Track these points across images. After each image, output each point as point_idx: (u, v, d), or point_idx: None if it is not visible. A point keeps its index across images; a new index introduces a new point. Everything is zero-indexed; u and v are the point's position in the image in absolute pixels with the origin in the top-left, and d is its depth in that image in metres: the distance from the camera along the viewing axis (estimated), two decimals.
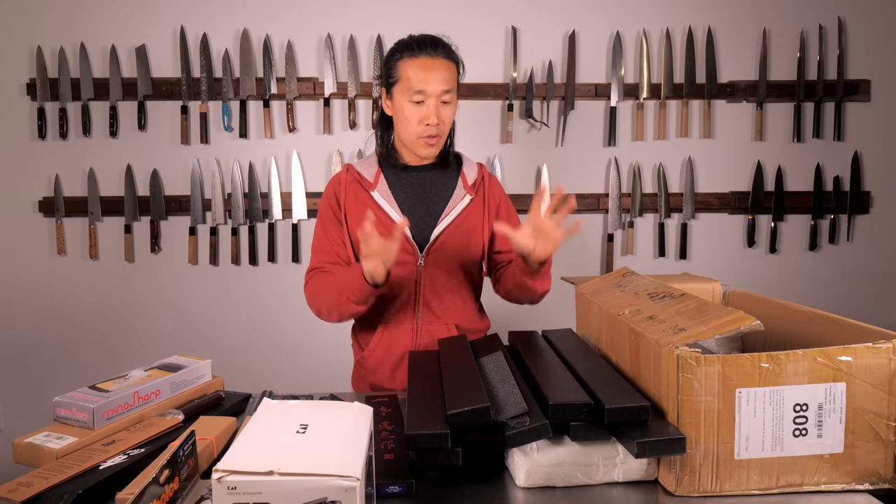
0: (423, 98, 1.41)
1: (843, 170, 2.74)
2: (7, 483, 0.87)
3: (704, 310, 1.00)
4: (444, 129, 1.46)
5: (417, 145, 1.46)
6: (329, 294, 1.42)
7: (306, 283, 1.51)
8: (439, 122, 1.43)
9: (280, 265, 2.68)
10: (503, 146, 2.69)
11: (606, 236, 2.73)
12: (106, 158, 2.63)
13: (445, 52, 1.45)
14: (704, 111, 2.70)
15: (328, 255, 1.51)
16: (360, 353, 1.57)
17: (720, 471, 0.90)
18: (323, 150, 2.67)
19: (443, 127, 1.45)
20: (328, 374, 2.62)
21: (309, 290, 1.49)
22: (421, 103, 1.42)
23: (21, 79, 2.60)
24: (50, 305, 2.66)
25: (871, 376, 0.89)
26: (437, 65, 1.42)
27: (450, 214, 1.49)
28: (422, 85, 1.40)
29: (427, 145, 1.45)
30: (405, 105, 1.43)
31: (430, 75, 1.41)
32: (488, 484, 0.95)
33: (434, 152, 1.49)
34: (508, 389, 1.00)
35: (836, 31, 2.69)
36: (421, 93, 1.41)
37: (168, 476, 0.79)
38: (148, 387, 1.14)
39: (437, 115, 1.42)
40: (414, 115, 1.43)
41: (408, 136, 1.46)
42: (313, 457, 0.69)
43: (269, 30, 2.62)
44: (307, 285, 1.50)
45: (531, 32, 2.67)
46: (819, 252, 2.77)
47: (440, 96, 1.42)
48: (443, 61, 1.43)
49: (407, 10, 2.62)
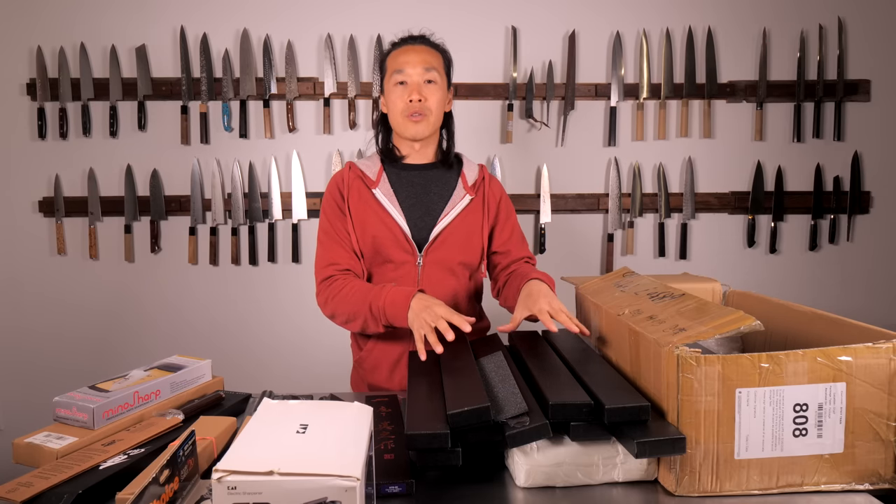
0: (404, 78, 1.47)
1: (843, 170, 2.74)
2: (7, 483, 0.87)
3: (704, 310, 1.00)
4: (430, 107, 1.48)
5: (404, 126, 1.49)
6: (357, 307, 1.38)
7: (323, 279, 1.46)
8: (422, 99, 1.46)
9: (280, 265, 2.68)
10: (503, 146, 2.69)
11: (606, 236, 2.73)
12: (106, 158, 2.63)
13: (428, 42, 1.53)
14: (704, 111, 2.70)
15: (341, 248, 1.47)
16: (358, 353, 1.57)
17: (720, 471, 0.90)
18: (323, 150, 2.67)
19: (427, 104, 1.47)
20: (328, 374, 2.62)
21: (328, 292, 1.44)
22: (403, 84, 1.47)
23: (21, 79, 2.60)
24: (50, 305, 2.66)
25: (871, 376, 0.89)
26: (418, 49, 1.50)
27: (449, 214, 1.50)
28: (402, 66, 1.47)
29: (413, 122, 1.47)
30: (391, 90, 1.49)
31: (410, 57, 1.48)
32: (488, 484, 0.95)
33: (421, 130, 1.48)
34: (508, 389, 1.00)
35: (836, 31, 2.69)
36: (401, 72, 1.47)
37: (168, 476, 0.79)
38: (148, 387, 1.14)
39: (419, 92, 1.46)
40: (399, 98, 1.48)
41: (396, 120, 1.50)
42: (313, 457, 0.69)
43: (269, 30, 2.62)
44: (325, 284, 1.45)
45: (531, 32, 2.67)
46: (819, 252, 2.77)
47: (421, 76, 1.47)
48: (423, 47, 1.51)
49: (407, 10, 2.62)
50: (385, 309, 1.34)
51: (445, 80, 1.53)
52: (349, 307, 1.40)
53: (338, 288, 1.42)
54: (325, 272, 1.46)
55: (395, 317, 1.32)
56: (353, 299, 1.39)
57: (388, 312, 1.33)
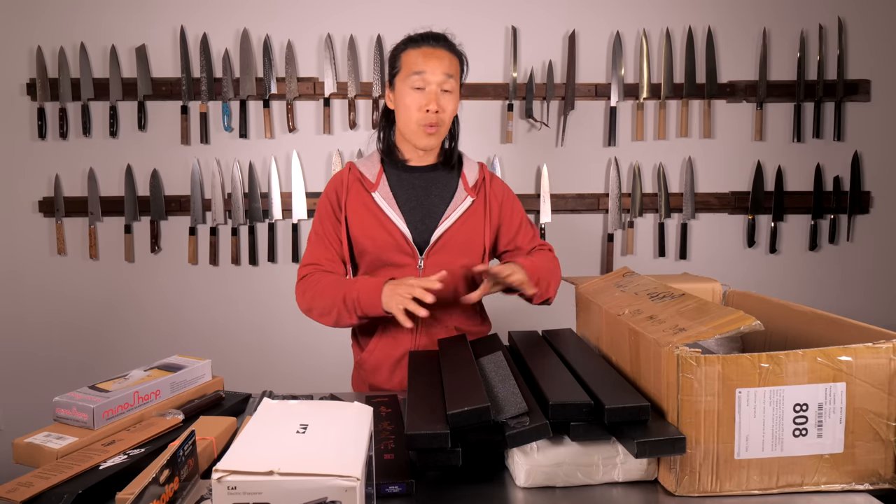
0: (423, 84, 1.43)
1: (843, 170, 2.74)
2: (7, 483, 0.87)
3: (704, 310, 1.00)
4: (445, 119, 1.46)
5: (417, 134, 1.46)
6: (331, 299, 1.41)
7: (301, 277, 1.49)
8: (439, 110, 1.43)
9: (280, 265, 2.68)
10: (503, 146, 2.69)
11: (606, 236, 2.73)
12: (106, 158, 2.63)
13: (448, 46, 1.47)
14: (704, 111, 2.70)
15: (326, 251, 1.50)
16: (359, 355, 1.56)
17: (720, 471, 0.90)
18: (323, 150, 2.67)
19: (443, 115, 1.45)
20: (328, 374, 2.62)
21: (304, 286, 1.47)
22: (421, 90, 1.43)
23: (21, 79, 2.60)
24: (50, 305, 2.66)
25: (871, 376, 0.89)
26: (439, 54, 1.44)
27: (450, 217, 1.49)
28: (422, 67, 1.42)
29: (427, 134, 1.45)
30: (406, 93, 1.44)
31: (430, 61, 1.42)
32: (488, 484, 0.95)
33: (433, 143, 1.48)
34: (508, 389, 1.00)
35: (836, 31, 2.69)
36: (421, 76, 1.42)
37: (168, 476, 0.79)
38: (148, 387, 1.14)
39: (437, 102, 1.43)
40: (414, 103, 1.44)
41: (408, 125, 1.46)
42: (313, 457, 0.69)
43: (269, 30, 2.62)
44: (302, 280, 1.48)
45: (531, 32, 2.67)
46: (819, 252, 2.77)
47: (441, 83, 1.43)
48: (445, 52, 1.45)
49: (407, 10, 2.62)
50: (359, 299, 1.35)
51: (459, 86, 1.50)
52: (323, 300, 1.42)
53: (313, 282, 1.45)
54: (305, 271, 1.50)
55: (370, 305, 1.34)
56: (327, 292, 1.42)
57: (363, 302, 1.35)
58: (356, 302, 1.36)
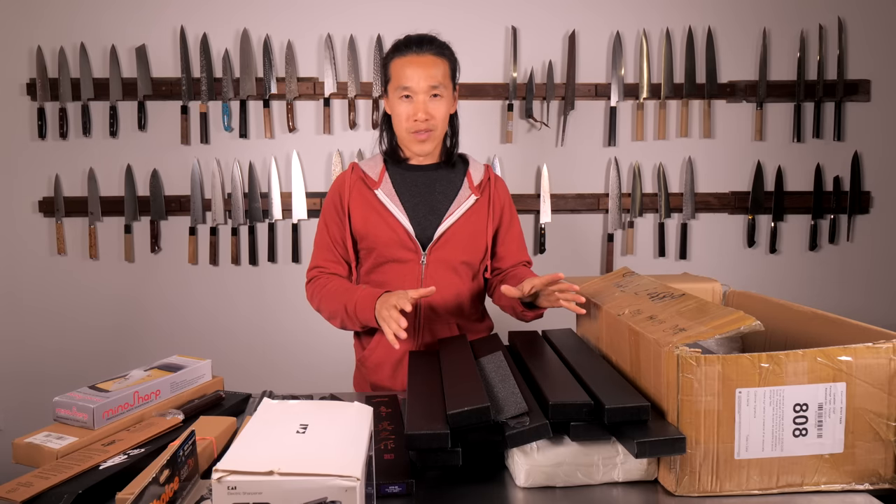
0: (409, 94, 1.45)
1: (843, 170, 2.74)
2: (7, 483, 0.87)
3: (704, 310, 1.00)
4: (436, 124, 1.47)
5: (409, 141, 1.49)
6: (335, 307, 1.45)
7: (310, 279, 1.54)
8: (428, 118, 1.45)
9: (280, 265, 2.68)
10: (503, 146, 2.69)
11: (606, 236, 2.73)
12: (106, 158, 2.63)
13: (434, 49, 1.47)
14: (704, 111, 2.70)
15: (331, 254, 1.54)
16: (361, 353, 1.57)
17: (720, 471, 0.90)
18: (323, 150, 2.67)
19: (433, 122, 1.46)
20: (328, 374, 2.62)
21: (313, 288, 1.52)
22: (409, 98, 1.45)
23: (21, 79, 2.60)
24: (50, 305, 2.66)
25: (871, 376, 0.89)
26: (424, 61, 1.45)
27: (454, 213, 1.49)
28: (407, 81, 1.44)
29: (418, 141, 1.48)
30: (396, 102, 1.47)
31: (416, 72, 1.44)
32: (488, 484, 0.95)
33: (427, 148, 1.50)
34: (508, 389, 1.00)
35: (836, 31, 2.69)
36: (406, 89, 1.44)
37: (168, 476, 0.79)
38: (148, 387, 1.14)
39: (424, 110, 1.44)
40: (403, 112, 1.46)
41: (400, 133, 1.50)
42: (313, 457, 0.69)
43: (269, 30, 2.62)
44: (311, 282, 1.54)
45: (531, 32, 2.67)
46: (819, 252, 2.77)
47: (427, 91, 1.44)
48: (430, 57, 1.46)
49: (407, 10, 2.62)
50: (356, 311, 1.39)
51: (451, 86, 1.50)
52: (329, 306, 1.47)
53: (321, 285, 1.50)
54: (311, 274, 1.55)
55: (366, 318, 1.38)
56: (332, 299, 1.46)
57: (360, 314, 1.39)
58: (354, 313, 1.40)
